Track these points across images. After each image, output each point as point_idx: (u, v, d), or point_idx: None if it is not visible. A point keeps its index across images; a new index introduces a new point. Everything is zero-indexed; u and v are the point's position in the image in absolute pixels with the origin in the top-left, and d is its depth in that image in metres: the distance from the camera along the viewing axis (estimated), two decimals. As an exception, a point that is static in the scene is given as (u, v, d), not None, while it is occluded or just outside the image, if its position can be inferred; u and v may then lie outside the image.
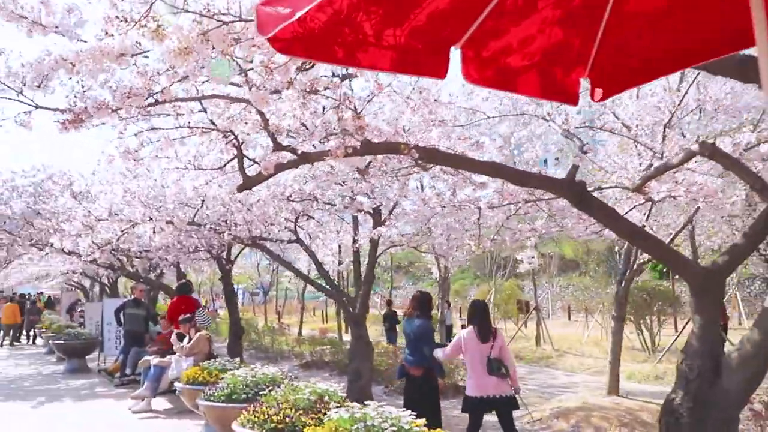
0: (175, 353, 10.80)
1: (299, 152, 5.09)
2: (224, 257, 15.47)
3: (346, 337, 22.46)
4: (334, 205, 10.40)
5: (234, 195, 10.29)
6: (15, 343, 22.83)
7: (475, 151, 5.35)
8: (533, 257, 18.47)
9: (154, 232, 11.49)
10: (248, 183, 5.39)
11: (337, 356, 15.59)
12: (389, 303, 18.71)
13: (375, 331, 27.69)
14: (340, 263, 21.06)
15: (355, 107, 4.83)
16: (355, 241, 11.70)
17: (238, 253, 15.14)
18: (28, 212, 15.55)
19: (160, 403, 10.21)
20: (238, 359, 8.00)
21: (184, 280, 14.16)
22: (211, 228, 10.34)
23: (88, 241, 10.17)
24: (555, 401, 10.46)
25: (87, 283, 32.34)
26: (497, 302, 23.37)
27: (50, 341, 15.91)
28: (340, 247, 20.45)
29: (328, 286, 10.83)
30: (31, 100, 4.38)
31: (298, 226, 12.16)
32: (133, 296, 13.80)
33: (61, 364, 15.42)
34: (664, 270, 23.91)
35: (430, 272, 22.61)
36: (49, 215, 12.16)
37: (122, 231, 10.17)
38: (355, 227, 11.88)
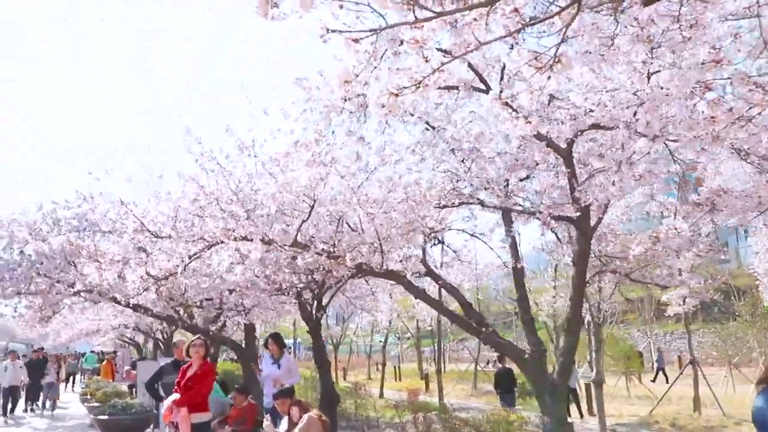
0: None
1: None
2: (311, 301, 11.50)
3: (429, 397, 18.03)
4: (519, 209, 6.41)
5: (359, 191, 6.36)
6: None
7: None
8: (685, 297, 14.12)
9: (233, 261, 7.59)
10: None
11: (459, 428, 11.24)
12: (500, 359, 14.32)
13: (461, 391, 23.19)
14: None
15: None
16: (518, 269, 7.64)
17: (331, 298, 11.14)
18: (70, 250, 11.90)
19: None
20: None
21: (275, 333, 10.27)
22: (323, 251, 6.39)
23: (140, 272, 6.33)
24: None
25: (141, 339, 28.67)
26: (611, 354, 18.77)
27: (92, 414, 11.92)
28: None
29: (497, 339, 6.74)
30: None
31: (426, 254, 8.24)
32: (173, 357, 9.22)
33: (106, 443, 11.40)
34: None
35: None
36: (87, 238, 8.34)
37: (191, 256, 6.33)
38: (513, 249, 7.82)
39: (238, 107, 6.24)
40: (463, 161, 6.82)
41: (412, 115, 6.44)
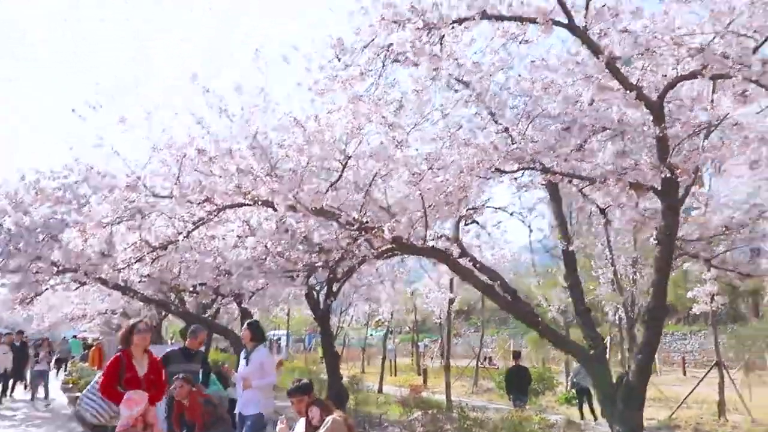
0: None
1: None
2: (318, 288, 10.35)
3: (431, 393, 16.79)
4: (589, 177, 5.25)
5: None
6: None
7: None
8: (714, 294, 13.11)
9: (240, 234, 6.38)
10: None
11: (474, 429, 10.04)
12: (516, 357, 13.22)
13: (461, 388, 22.05)
14: (451, 302, 15.72)
15: None
16: (569, 252, 6.48)
17: (342, 284, 9.92)
18: (53, 223, 10.63)
19: None
20: None
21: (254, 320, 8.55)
22: (355, 221, 5.18)
23: (133, 238, 5.08)
24: None
25: (128, 325, 27.22)
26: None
27: (74, 406, 10.66)
28: (451, 280, 15.21)
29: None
30: None
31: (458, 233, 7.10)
32: (185, 344, 7.53)
33: (87, 438, 10.14)
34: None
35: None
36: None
37: (195, 222, 5.09)
38: (563, 228, 6.66)
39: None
40: (506, 131, 5.70)
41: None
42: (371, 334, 32.05)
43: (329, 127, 4.63)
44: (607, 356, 14.79)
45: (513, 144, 5.58)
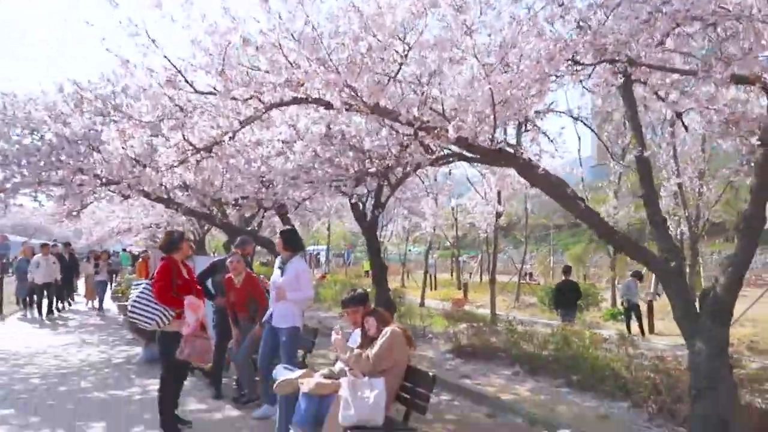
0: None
1: None
2: (364, 200, 9.98)
3: (473, 307, 16.79)
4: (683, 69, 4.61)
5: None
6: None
7: None
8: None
9: (287, 140, 5.92)
10: None
11: (521, 342, 9.78)
12: (567, 271, 12.83)
13: (503, 302, 22.01)
14: (498, 215, 15.30)
15: None
16: (643, 158, 5.90)
17: (390, 194, 9.52)
18: (93, 134, 10.37)
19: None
20: None
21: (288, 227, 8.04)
22: (416, 119, 4.65)
23: (176, 138, 4.70)
24: None
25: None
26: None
27: (123, 314, 10.77)
28: (499, 193, 14.72)
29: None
30: None
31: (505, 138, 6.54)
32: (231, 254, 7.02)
33: (138, 345, 10.31)
34: None
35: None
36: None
37: (242, 122, 4.66)
38: (638, 132, 6.03)
39: None
40: (578, 26, 4.98)
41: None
42: (410, 250, 32.09)
43: (390, 9, 4.06)
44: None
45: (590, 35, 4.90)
